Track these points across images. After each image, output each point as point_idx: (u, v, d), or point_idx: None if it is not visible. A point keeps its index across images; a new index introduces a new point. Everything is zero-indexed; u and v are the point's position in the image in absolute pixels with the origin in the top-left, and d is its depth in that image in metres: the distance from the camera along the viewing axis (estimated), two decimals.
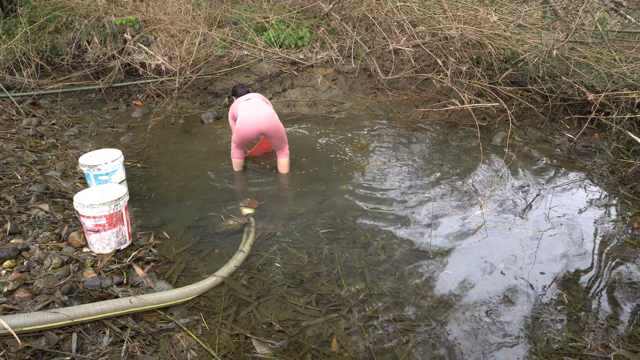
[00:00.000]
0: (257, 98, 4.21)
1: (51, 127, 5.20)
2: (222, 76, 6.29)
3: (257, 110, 3.99)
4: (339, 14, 6.59)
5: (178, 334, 2.41)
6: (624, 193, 3.90)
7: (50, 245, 2.97)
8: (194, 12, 6.67)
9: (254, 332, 2.45)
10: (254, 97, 4.22)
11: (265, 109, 4.01)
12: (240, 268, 2.94)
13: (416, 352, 2.35)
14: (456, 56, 5.55)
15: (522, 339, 2.43)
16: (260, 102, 4.12)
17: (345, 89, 6.15)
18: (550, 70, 5.15)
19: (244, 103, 4.13)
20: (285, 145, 4.17)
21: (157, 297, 2.53)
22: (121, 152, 3.64)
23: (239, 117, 4.02)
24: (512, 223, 3.50)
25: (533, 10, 6.73)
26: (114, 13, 6.67)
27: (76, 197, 2.91)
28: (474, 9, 5.90)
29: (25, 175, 3.81)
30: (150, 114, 5.83)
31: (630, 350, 2.34)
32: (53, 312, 2.27)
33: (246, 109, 4.03)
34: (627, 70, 4.54)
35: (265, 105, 4.07)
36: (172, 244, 3.20)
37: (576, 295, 2.75)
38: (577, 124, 5.07)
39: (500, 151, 4.69)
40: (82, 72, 6.69)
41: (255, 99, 4.17)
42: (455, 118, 5.46)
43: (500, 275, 2.92)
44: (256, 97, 4.22)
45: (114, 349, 2.27)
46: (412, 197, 3.87)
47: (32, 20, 6.89)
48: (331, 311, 2.60)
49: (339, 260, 3.05)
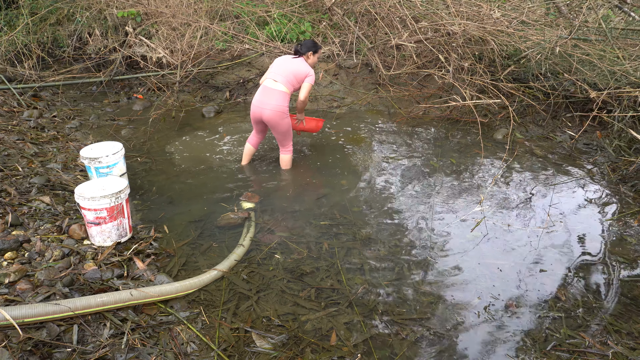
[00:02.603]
0: (280, 78, 3.82)
1: (52, 120, 5.20)
2: (223, 70, 6.28)
3: (266, 98, 3.80)
4: (341, 8, 6.56)
5: (178, 327, 2.42)
6: (625, 191, 3.90)
7: (51, 237, 2.98)
8: (196, 5, 6.65)
9: (253, 326, 2.46)
10: (281, 74, 3.83)
11: (274, 100, 3.78)
12: (240, 262, 2.95)
13: (415, 347, 2.36)
14: (458, 52, 5.53)
15: (521, 336, 2.44)
16: (274, 89, 3.80)
17: (347, 84, 6.14)
18: (553, 67, 5.13)
19: (267, 81, 3.89)
20: (287, 142, 4.09)
21: (158, 290, 2.54)
22: (122, 145, 3.64)
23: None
24: (512, 220, 3.50)
25: (536, 6, 6.70)
26: (115, 5, 6.65)
27: (77, 190, 2.92)
28: (477, 5, 5.88)
29: (27, 167, 3.82)
30: (151, 107, 5.83)
31: (628, 347, 2.35)
32: (54, 304, 2.28)
33: (260, 91, 3.88)
34: (630, 68, 4.52)
35: (276, 95, 3.79)
36: (173, 238, 3.21)
37: (575, 292, 2.76)
38: (578, 122, 5.06)
39: (501, 148, 4.68)
40: (83, 64, 6.67)
41: (277, 82, 3.82)
42: (456, 114, 5.45)
43: (499, 272, 2.93)
44: (280, 77, 3.82)
45: (114, 341, 2.28)
46: (412, 193, 3.88)
47: (33, 12, 6.87)
48: (331, 305, 2.62)
49: (339, 254, 3.06)
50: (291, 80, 3.86)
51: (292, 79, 3.86)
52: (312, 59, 4.01)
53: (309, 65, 3.97)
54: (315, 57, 4.03)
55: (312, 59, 4.01)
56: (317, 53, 4.02)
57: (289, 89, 3.87)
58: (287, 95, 3.86)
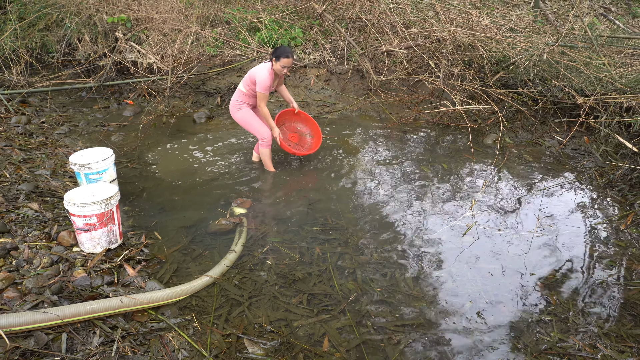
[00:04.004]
0: (244, 78, 4.13)
1: (41, 125, 5.14)
2: (214, 76, 6.27)
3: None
4: (332, 15, 6.60)
5: (169, 334, 2.40)
6: (612, 195, 3.96)
7: (40, 244, 2.94)
8: (187, 11, 6.64)
9: (245, 332, 2.44)
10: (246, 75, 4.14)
11: (233, 98, 4.19)
12: (232, 268, 2.94)
13: (407, 352, 2.36)
14: (448, 58, 5.59)
15: (512, 339, 2.46)
16: (237, 89, 4.19)
17: (338, 89, 6.16)
18: (541, 74, 5.21)
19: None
20: (257, 134, 4.16)
21: (149, 297, 2.51)
22: (112, 151, 3.62)
23: None
24: (502, 224, 3.53)
25: (524, 14, 6.80)
26: (105, 11, 6.62)
27: (66, 196, 2.89)
28: (466, 12, 5.96)
29: (14, 173, 3.77)
30: (141, 113, 5.79)
31: (617, 350, 2.37)
32: (42, 312, 2.25)
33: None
34: (616, 75, 4.61)
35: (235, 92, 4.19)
36: (164, 244, 3.18)
37: (565, 296, 2.78)
38: (566, 127, 5.13)
39: (491, 153, 4.73)
40: (72, 70, 6.62)
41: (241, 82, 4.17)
42: (446, 120, 5.50)
43: (490, 276, 2.95)
44: (244, 77, 4.13)
45: (104, 349, 2.25)
46: (403, 198, 3.89)
47: (21, 17, 6.81)
48: (323, 311, 2.61)
49: (331, 260, 3.05)
50: (246, 80, 4.08)
51: (247, 79, 4.06)
52: (275, 65, 3.90)
53: (274, 70, 3.93)
54: (278, 65, 3.85)
55: (275, 65, 3.89)
56: (278, 60, 3.83)
57: (245, 88, 4.10)
58: (242, 93, 4.14)
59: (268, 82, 3.89)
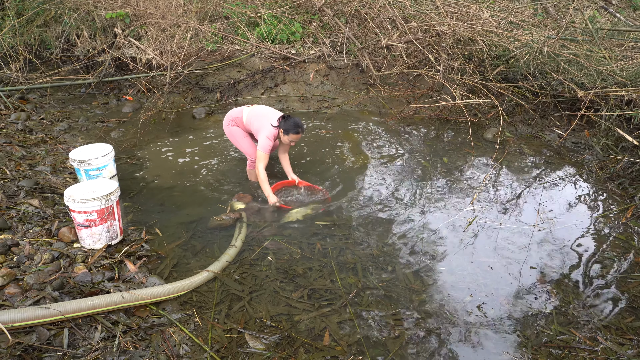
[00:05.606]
0: (247, 111, 3.85)
1: (40, 122, 5.14)
2: (213, 71, 6.25)
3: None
4: (332, 9, 6.57)
5: (170, 329, 2.41)
6: (613, 189, 3.95)
7: (40, 240, 2.94)
8: (185, 7, 6.61)
9: (246, 327, 2.45)
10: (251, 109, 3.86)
11: (230, 113, 3.89)
12: (232, 263, 2.94)
13: (408, 345, 2.37)
14: (448, 52, 5.57)
15: (512, 333, 2.46)
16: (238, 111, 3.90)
17: (338, 84, 6.15)
18: (541, 67, 5.19)
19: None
20: (247, 156, 3.98)
21: (150, 292, 2.52)
22: (112, 147, 3.61)
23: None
24: (503, 218, 3.53)
25: (524, 7, 6.77)
26: (103, 7, 6.58)
27: (67, 192, 2.89)
28: (466, 6, 5.92)
29: (14, 170, 3.77)
30: (141, 108, 5.78)
31: (617, 342, 2.38)
32: (44, 308, 2.25)
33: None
34: (616, 68, 4.59)
35: (234, 112, 3.88)
36: (164, 239, 3.18)
37: (565, 289, 2.79)
38: (567, 121, 5.12)
39: (491, 147, 4.72)
40: (71, 66, 6.60)
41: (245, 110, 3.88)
42: (446, 114, 5.49)
43: (490, 270, 2.95)
44: (248, 110, 3.85)
45: (105, 344, 2.26)
46: (403, 193, 3.89)
47: (20, 13, 6.78)
48: (324, 305, 2.61)
49: (332, 255, 3.06)
50: (250, 118, 3.77)
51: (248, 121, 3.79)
52: (282, 137, 3.63)
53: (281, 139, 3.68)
54: (285, 137, 3.59)
55: (282, 136, 3.62)
56: (286, 134, 3.56)
57: (245, 118, 3.81)
58: (239, 119, 3.84)
59: (269, 146, 3.60)
